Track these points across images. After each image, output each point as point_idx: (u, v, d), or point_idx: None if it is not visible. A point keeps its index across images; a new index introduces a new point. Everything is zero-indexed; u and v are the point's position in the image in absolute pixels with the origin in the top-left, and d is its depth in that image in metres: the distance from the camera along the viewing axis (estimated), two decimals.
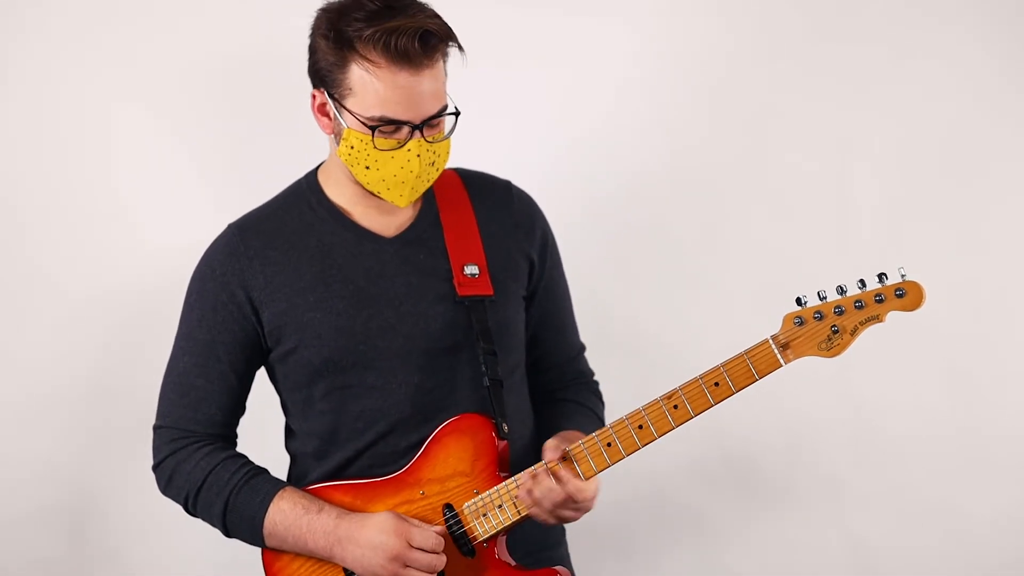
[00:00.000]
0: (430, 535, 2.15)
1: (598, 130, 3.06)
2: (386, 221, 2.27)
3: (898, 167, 3.03)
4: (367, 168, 2.16)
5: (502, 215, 2.32)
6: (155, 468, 2.31)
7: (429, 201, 2.30)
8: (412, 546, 2.15)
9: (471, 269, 2.26)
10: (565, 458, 2.16)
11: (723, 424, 2.95)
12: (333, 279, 2.23)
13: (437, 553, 2.16)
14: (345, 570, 2.21)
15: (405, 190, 2.18)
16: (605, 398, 2.48)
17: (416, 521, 2.18)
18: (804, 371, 2.21)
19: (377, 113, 2.12)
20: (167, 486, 2.30)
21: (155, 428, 2.31)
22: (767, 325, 2.15)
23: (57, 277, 3.03)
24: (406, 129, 2.13)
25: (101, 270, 3.05)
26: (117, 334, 3.03)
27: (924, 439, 3.04)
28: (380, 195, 2.20)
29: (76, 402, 3.02)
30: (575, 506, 2.16)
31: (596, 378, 2.47)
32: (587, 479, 2.16)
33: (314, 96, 2.20)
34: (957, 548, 3.04)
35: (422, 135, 2.14)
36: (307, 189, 2.30)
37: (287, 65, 2.50)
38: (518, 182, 2.43)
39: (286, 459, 2.39)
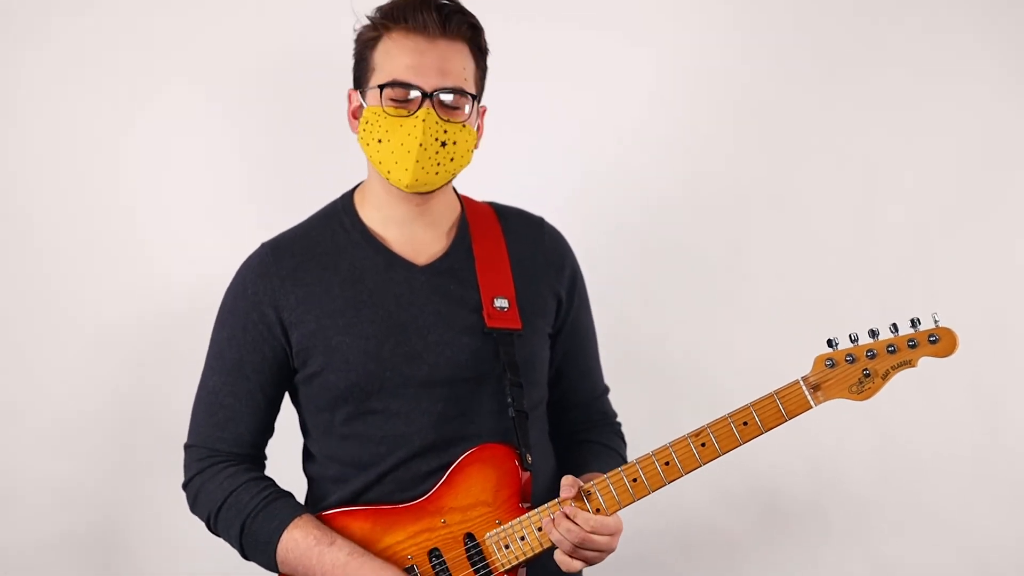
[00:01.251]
0: None
1: (622, 151, 3.06)
2: (419, 248, 2.27)
3: (924, 186, 3.03)
4: (379, 141, 2.19)
5: (533, 251, 2.33)
6: (184, 487, 2.32)
7: (463, 232, 2.31)
8: None
9: (501, 302, 2.27)
10: (580, 496, 2.16)
11: (747, 448, 2.94)
12: (363, 304, 2.23)
13: None
14: None
15: (410, 163, 2.18)
16: (632, 421, 2.49)
17: None
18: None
19: (389, 79, 2.17)
20: (194, 504, 2.30)
21: (185, 447, 2.32)
22: (793, 345, 2.16)
23: (85, 301, 3.00)
24: (417, 98, 2.17)
25: (129, 295, 3.02)
26: (145, 359, 3.01)
27: (950, 460, 3.04)
28: (390, 176, 2.21)
29: (103, 428, 2.99)
30: (595, 545, 2.15)
31: (619, 419, 2.47)
32: (611, 513, 2.15)
33: (350, 99, 2.26)
34: (983, 570, 3.03)
35: (432, 104, 2.17)
36: (342, 210, 2.31)
37: (322, 86, 2.50)
38: (544, 202, 2.43)
39: (304, 481, 2.39)
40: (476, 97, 2.23)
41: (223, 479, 2.26)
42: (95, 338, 2.98)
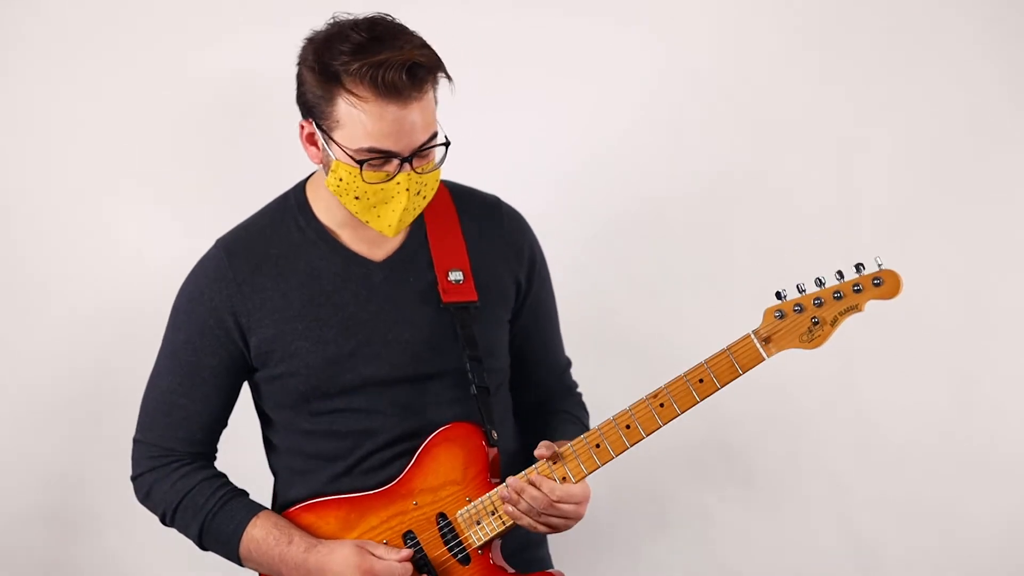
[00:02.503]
0: (393, 567, 2.17)
1: (604, 135, 3.08)
2: (375, 244, 2.26)
3: (901, 169, 3.05)
4: (356, 199, 2.14)
5: (491, 234, 2.32)
6: (133, 480, 2.33)
7: (418, 219, 2.28)
8: None
9: (455, 275, 2.26)
10: (555, 460, 2.17)
11: (725, 423, 2.97)
12: (321, 307, 2.23)
13: None
14: None
15: (394, 221, 2.17)
16: (608, 398, 2.47)
17: (380, 549, 2.19)
18: (806, 370, 2.22)
19: (365, 145, 2.09)
20: (145, 499, 2.32)
21: (135, 440, 2.32)
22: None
23: (59, 287, 3.07)
24: (395, 161, 2.11)
25: (102, 282, 3.09)
26: (116, 344, 3.06)
27: (925, 440, 3.05)
28: (369, 224, 2.18)
29: (74, 409, 3.07)
30: (561, 512, 2.16)
31: (580, 390, 2.48)
32: (576, 481, 2.17)
33: (302, 127, 2.17)
34: (957, 549, 3.05)
35: (411, 167, 2.12)
36: (295, 206, 2.28)
37: (276, 79, 2.51)
38: (525, 184, 2.44)
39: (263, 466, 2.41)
40: (444, 137, 2.17)
41: (176, 479, 2.27)
42: (69, 324, 3.04)
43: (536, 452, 2.17)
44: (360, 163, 2.10)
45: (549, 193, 2.93)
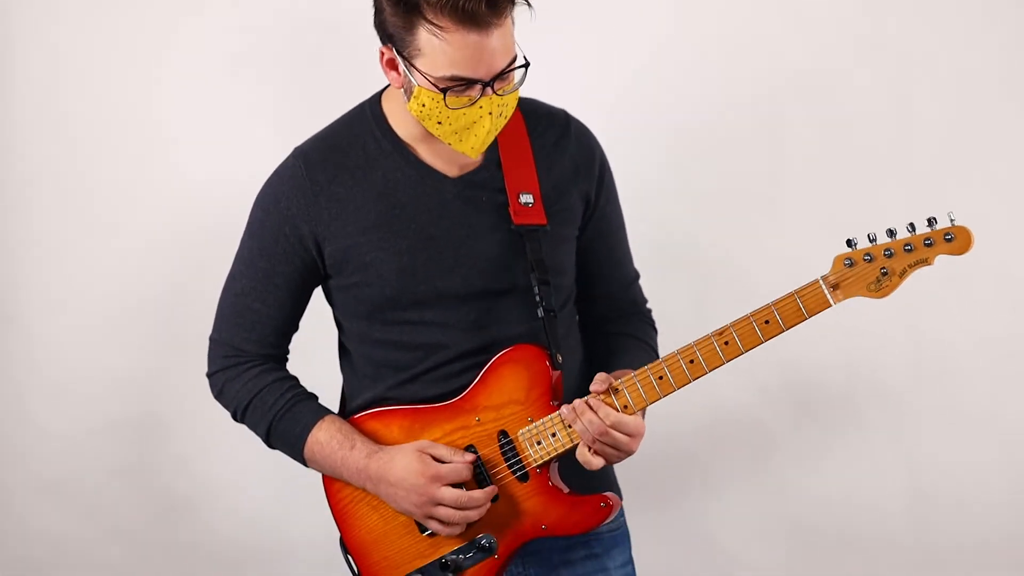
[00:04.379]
0: (459, 467, 2.24)
1: (659, 54, 3.11)
2: (451, 160, 2.29)
3: (959, 85, 3.05)
4: (439, 124, 2.17)
5: (561, 152, 2.34)
6: (209, 377, 2.41)
7: (493, 141, 2.29)
8: (441, 483, 2.23)
9: (526, 198, 2.29)
10: (609, 392, 2.21)
11: (783, 346, 2.99)
12: (396, 218, 2.27)
13: (466, 480, 2.24)
14: None
15: (477, 143, 2.20)
16: (667, 317, 2.54)
17: (444, 450, 2.25)
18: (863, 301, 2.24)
19: (447, 73, 2.11)
20: (219, 395, 2.40)
21: (211, 339, 2.40)
22: (825, 244, 2.21)
23: (130, 203, 3.15)
24: (477, 86, 2.13)
25: (172, 197, 3.16)
26: (186, 258, 3.16)
27: (978, 351, 3.09)
28: (452, 146, 2.21)
29: (146, 322, 3.15)
30: (614, 442, 2.20)
31: (649, 306, 2.51)
32: (637, 409, 2.22)
33: (382, 52, 2.19)
34: (1011, 458, 3.10)
35: (493, 91, 2.14)
36: (371, 118, 2.31)
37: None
38: (577, 99, 2.45)
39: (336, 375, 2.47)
40: (523, 59, 2.19)
41: (247, 379, 2.35)
42: (137, 238, 3.12)
43: (592, 387, 2.22)
44: (444, 90, 2.12)
45: (603, 114, 2.94)
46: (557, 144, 2.35)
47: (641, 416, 2.24)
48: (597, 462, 2.22)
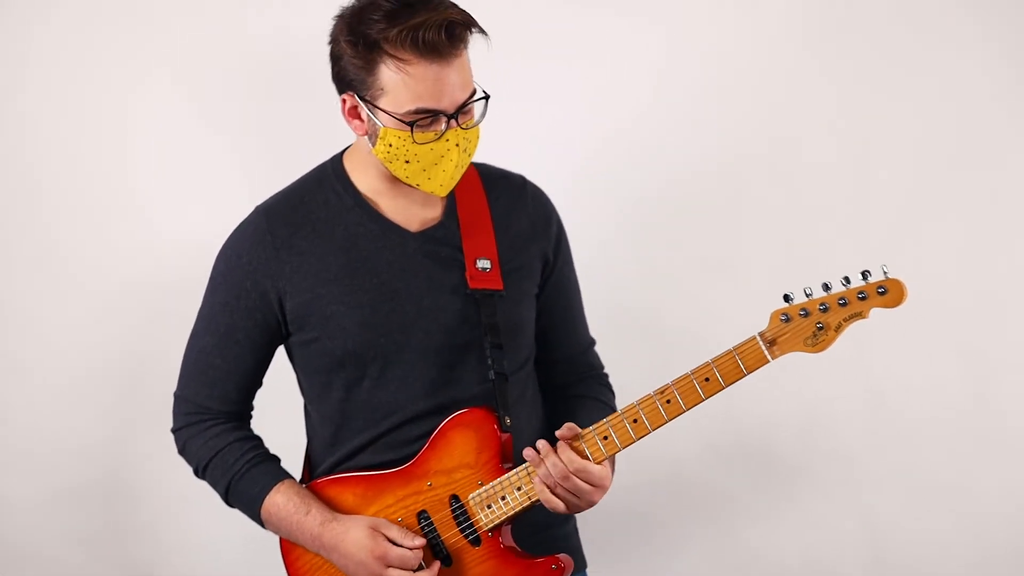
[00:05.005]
0: (407, 557, 2.25)
1: (620, 123, 3.13)
2: (412, 215, 2.32)
3: (913, 155, 3.07)
4: (407, 163, 2.21)
5: (518, 213, 2.38)
6: (173, 432, 2.42)
7: (451, 197, 2.34)
8: (391, 567, 2.24)
9: (483, 263, 2.32)
10: (576, 439, 2.22)
11: (738, 405, 3.02)
12: (357, 272, 2.29)
13: (414, 570, 2.25)
14: None
15: (445, 179, 2.24)
16: (626, 386, 2.53)
17: (394, 531, 2.26)
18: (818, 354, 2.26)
19: (412, 107, 2.16)
20: (182, 451, 2.41)
21: (175, 395, 2.41)
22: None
23: (92, 265, 3.18)
24: (442, 119, 2.18)
25: (137, 258, 3.19)
26: (151, 319, 3.17)
27: (938, 420, 3.09)
28: (420, 187, 2.24)
29: (111, 384, 3.18)
30: (576, 489, 2.20)
31: (606, 371, 2.53)
32: (597, 463, 2.22)
33: (344, 100, 2.23)
34: (970, 529, 3.09)
35: (457, 123, 2.19)
36: (333, 175, 2.34)
37: (305, 55, 2.57)
38: (540, 168, 2.48)
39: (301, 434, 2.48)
40: (483, 92, 2.24)
41: (209, 437, 2.36)
42: (102, 299, 3.15)
43: (557, 433, 2.23)
44: (411, 124, 2.17)
45: (565, 182, 2.97)
46: (514, 205, 2.38)
47: (609, 469, 2.25)
48: (559, 504, 2.22)
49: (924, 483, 3.09)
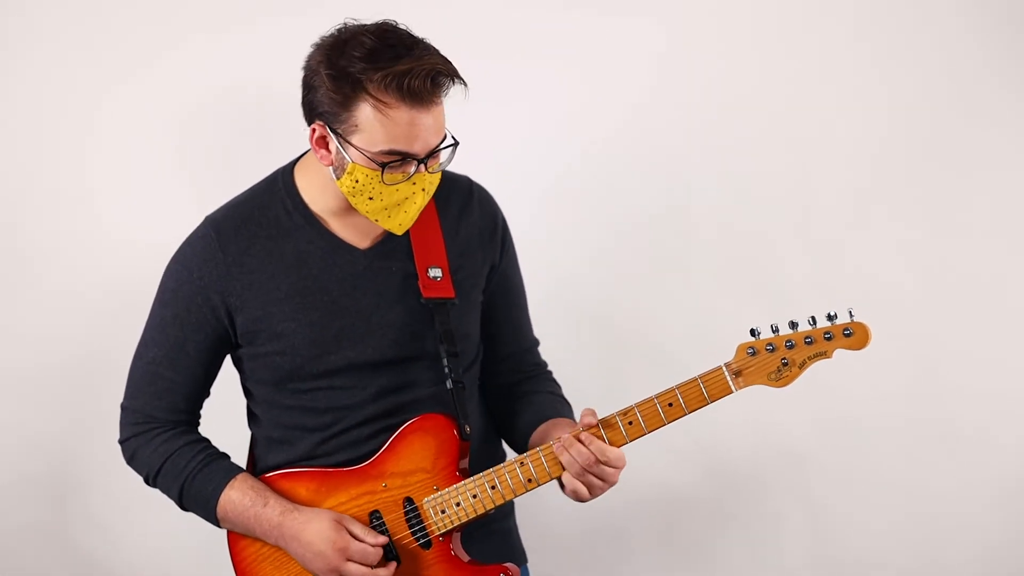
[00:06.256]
0: (368, 552, 2.27)
1: (576, 129, 3.17)
2: (362, 232, 2.33)
3: (869, 163, 3.13)
4: (370, 199, 2.22)
5: (466, 220, 2.40)
6: (121, 443, 2.42)
7: None
8: (351, 560, 2.26)
9: (434, 272, 2.34)
10: (597, 426, 2.24)
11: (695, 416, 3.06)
12: (308, 290, 2.30)
13: (372, 566, 2.27)
14: None
15: (406, 220, 2.26)
16: (583, 391, 2.60)
17: (357, 527, 2.29)
18: None
19: (385, 148, 2.16)
20: (130, 460, 2.41)
21: (122, 407, 2.41)
22: (734, 313, 2.26)
23: (50, 263, 3.15)
24: (412, 163, 2.19)
25: (92, 257, 3.17)
26: (103, 321, 3.15)
27: (889, 425, 3.14)
28: (378, 223, 2.25)
29: (64, 382, 3.15)
30: (602, 474, 2.22)
31: (550, 368, 2.56)
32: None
33: (314, 130, 2.22)
34: (920, 526, 3.15)
35: (426, 168, 2.21)
36: (283, 190, 2.34)
37: (270, 67, 2.58)
38: (500, 178, 2.52)
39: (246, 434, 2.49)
40: (452, 139, 2.25)
41: (158, 444, 2.36)
42: (57, 295, 3.12)
43: (583, 420, 2.24)
44: (383, 166, 2.17)
45: (536, 194, 3.02)
46: (462, 212, 2.40)
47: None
48: (582, 491, 2.25)
49: (873, 480, 3.15)
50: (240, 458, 2.46)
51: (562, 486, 2.27)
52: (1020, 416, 3.12)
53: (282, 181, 2.35)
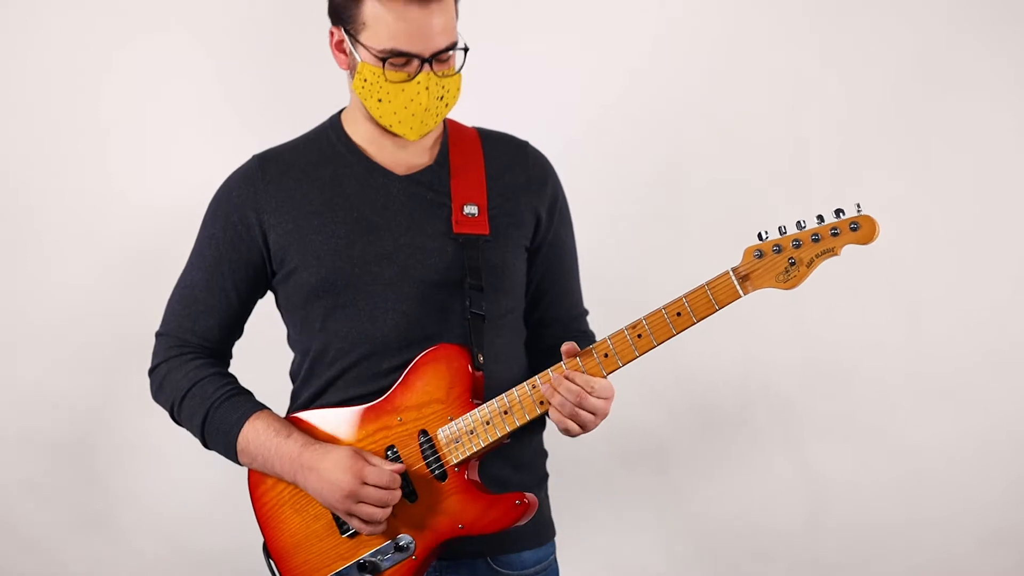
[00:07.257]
0: (384, 473, 2.24)
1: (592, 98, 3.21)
2: (400, 159, 2.37)
3: (854, 109, 3.17)
4: (379, 101, 2.27)
5: (515, 170, 2.42)
6: (150, 372, 2.43)
7: (445, 149, 2.39)
8: (366, 483, 2.24)
9: (470, 209, 2.35)
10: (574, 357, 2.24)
11: (679, 358, 3.05)
12: (339, 206, 2.34)
13: (390, 489, 2.24)
14: None
15: (415, 123, 2.29)
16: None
17: (375, 458, 2.27)
18: (758, 306, 2.30)
19: (388, 46, 2.23)
20: (158, 391, 2.42)
21: (157, 334, 2.44)
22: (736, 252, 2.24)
23: (89, 221, 3.19)
24: (416, 63, 2.24)
25: (129, 216, 3.21)
26: (99, 277, 3.23)
27: (874, 370, 3.15)
28: (392, 128, 2.30)
29: (67, 337, 3.18)
30: (592, 407, 2.21)
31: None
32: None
33: (332, 33, 2.31)
34: (905, 475, 3.14)
35: (431, 69, 2.24)
36: (329, 128, 2.42)
37: (309, 11, 2.61)
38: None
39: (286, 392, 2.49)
40: (463, 44, 2.29)
41: (189, 369, 2.38)
42: (59, 259, 3.16)
43: (563, 348, 2.24)
44: (383, 60, 2.22)
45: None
46: (512, 162, 2.42)
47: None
48: (573, 428, 2.23)
49: (858, 431, 3.14)
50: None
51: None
52: (1006, 369, 3.12)
53: (330, 122, 2.44)
